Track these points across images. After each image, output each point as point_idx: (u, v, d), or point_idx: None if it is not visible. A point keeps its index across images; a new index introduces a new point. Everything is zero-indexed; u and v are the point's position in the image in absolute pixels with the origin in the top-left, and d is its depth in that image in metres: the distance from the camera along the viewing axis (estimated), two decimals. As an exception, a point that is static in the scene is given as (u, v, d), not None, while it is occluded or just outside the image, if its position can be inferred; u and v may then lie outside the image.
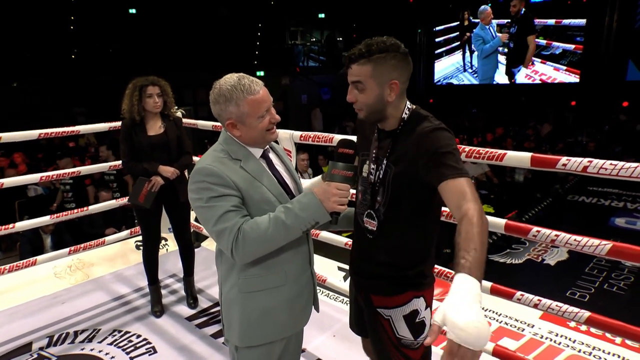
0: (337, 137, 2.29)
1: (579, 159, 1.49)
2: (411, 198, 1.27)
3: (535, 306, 1.73)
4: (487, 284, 1.90)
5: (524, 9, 11.74)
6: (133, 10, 11.89)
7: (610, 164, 1.42)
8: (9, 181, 2.76)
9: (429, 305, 1.38)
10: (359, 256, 1.45)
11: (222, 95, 1.23)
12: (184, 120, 2.82)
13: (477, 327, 0.80)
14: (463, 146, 1.77)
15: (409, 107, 1.31)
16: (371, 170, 1.35)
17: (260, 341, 1.32)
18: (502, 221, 1.76)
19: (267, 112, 1.27)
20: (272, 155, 1.38)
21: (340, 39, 15.91)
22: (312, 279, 1.43)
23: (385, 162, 1.30)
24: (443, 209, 1.41)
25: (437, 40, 14.19)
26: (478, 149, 1.77)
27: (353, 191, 2.19)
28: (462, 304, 0.84)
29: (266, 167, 1.33)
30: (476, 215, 1.03)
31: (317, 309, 1.48)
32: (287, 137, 2.48)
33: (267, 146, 1.36)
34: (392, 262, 1.33)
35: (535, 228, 1.64)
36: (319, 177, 1.57)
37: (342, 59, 1.28)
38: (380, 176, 1.31)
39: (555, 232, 1.59)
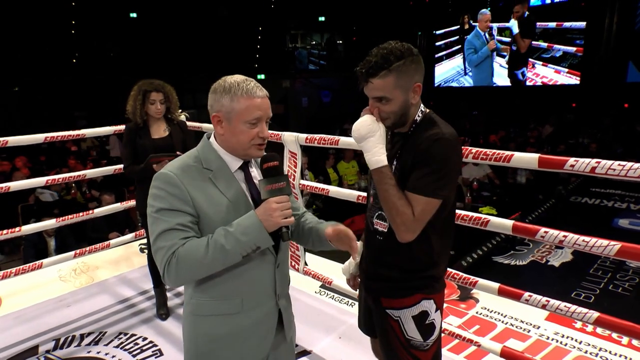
0: (343, 140, 2.30)
1: (586, 160, 1.50)
2: None
3: (544, 307, 1.73)
4: (495, 285, 1.90)
5: (527, 13, 11.76)
6: (134, 14, 11.92)
7: (619, 164, 1.42)
8: (15, 185, 2.77)
9: (439, 308, 1.37)
10: (369, 259, 1.44)
11: (221, 87, 1.17)
12: (188, 123, 2.83)
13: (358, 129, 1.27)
14: (470, 147, 1.78)
15: (422, 109, 1.30)
16: None
17: None
18: (509, 222, 1.76)
19: (259, 123, 1.17)
20: (252, 168, 1.26)
21: (340, 42, 15.96)
22: (278, 308, 1.27)
23: (395, 163, 1.30)
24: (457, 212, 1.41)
25: (437, 44, 14.23)
26: (485, 150, 1.78)
27: (363, 194, 2.19)
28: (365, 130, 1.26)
29: (242, 183, 1.22)
30: (402, 211, 1.21)
31: (286, 338, 1.32)
32: (293, 139, 2.48)
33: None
34: (403, 265, 1.33)
35: (543, 229, 1.64)
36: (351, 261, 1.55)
37: (357, 74, 1.23)
38: None
39: (563, 233, 1.59)
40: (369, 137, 1.24)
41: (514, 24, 11.98)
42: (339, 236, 1.24)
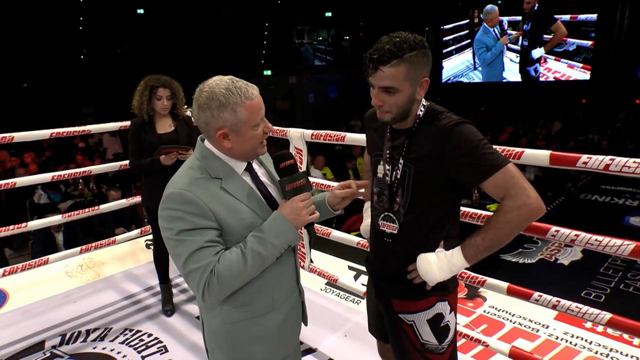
0: (349, 136, 2.26)
1: (600, 157, 1.45)
2: (434, 197, 1.23)
3: (554, 307, 1.69)
4: (503, 284, 1.86)
5: (537, 5, 11.56)
6: (141, 11, 11.95)
7: (634, 161, 1.37)
8: (22, 180, 2.77)
9: (453, 309, 1.33)
10: (378, 259, 1.39)
11: (215, 100, 1.07)
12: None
13: (432, 278, 1.23)
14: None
15: (424, 103, 1.25)
16: (386, 171, 1.30)
17: None
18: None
19: (262, 120, 1.14)
20: (255, 166, 1.23)
21: (347, 37, 15.88)
22: (300, 296, 1.33)
23: (401, 161, 1.25)
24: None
25: (445, 39, 14.06)
26: (494, 146, 1.73)
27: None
28: (439, 266, 1.22)
29: (251, 184, 1.19)
30: (504, 211, 1.15)
31: (306, 324, 1.39)
32: (298, 135, 2.45)
33: None
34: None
35: (554, 228, 1.60)
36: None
37: (365, 60, 1.17)
38: (398, 176, 1.26)
39: (574, 232, 1.55)
40: (436, 270, 1.22)
41: (540, 51, 11.73)
42: (341, 197, 1.29)
